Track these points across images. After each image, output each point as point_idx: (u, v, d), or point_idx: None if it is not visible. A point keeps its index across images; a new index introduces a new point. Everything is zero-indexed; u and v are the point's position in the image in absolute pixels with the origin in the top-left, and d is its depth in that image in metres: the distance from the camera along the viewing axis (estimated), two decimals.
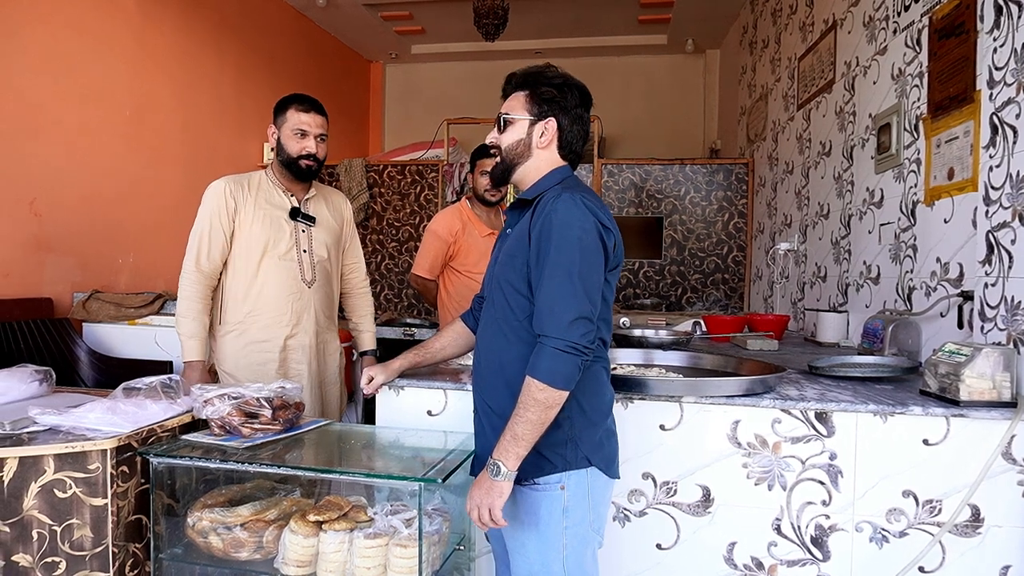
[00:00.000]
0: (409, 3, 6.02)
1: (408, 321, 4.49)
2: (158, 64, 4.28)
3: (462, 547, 1.80)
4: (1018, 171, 1.83)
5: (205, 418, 1.74)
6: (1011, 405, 1.68)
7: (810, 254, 3.82)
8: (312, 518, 1.59)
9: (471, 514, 1.43)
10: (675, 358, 2.26)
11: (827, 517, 1.74)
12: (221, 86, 4.90)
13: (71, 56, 3.63)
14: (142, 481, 1.66)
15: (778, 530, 1.77)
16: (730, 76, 6.25)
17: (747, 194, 5.31)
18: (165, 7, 4.33)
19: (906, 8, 2.71)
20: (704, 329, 3.26)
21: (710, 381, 1.82)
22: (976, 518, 1.68)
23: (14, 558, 1.54)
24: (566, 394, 1.37)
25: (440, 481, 1.48)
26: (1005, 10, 1.91)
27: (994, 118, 1.94)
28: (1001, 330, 1.88)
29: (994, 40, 1.96)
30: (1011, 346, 1.81)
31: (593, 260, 1.41)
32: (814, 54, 3.82)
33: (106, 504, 1.56)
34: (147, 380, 1.86)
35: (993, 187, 1.93)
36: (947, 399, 1.72)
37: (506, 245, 1.55)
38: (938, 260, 2.39)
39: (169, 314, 3.49)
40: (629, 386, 1.79)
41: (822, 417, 1.74)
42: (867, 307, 3.01)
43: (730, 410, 1.78)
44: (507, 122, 1.57)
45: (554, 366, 1.35)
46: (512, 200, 1.66)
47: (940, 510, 1.69)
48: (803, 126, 4.01)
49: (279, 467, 1.58)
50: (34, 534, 1.54)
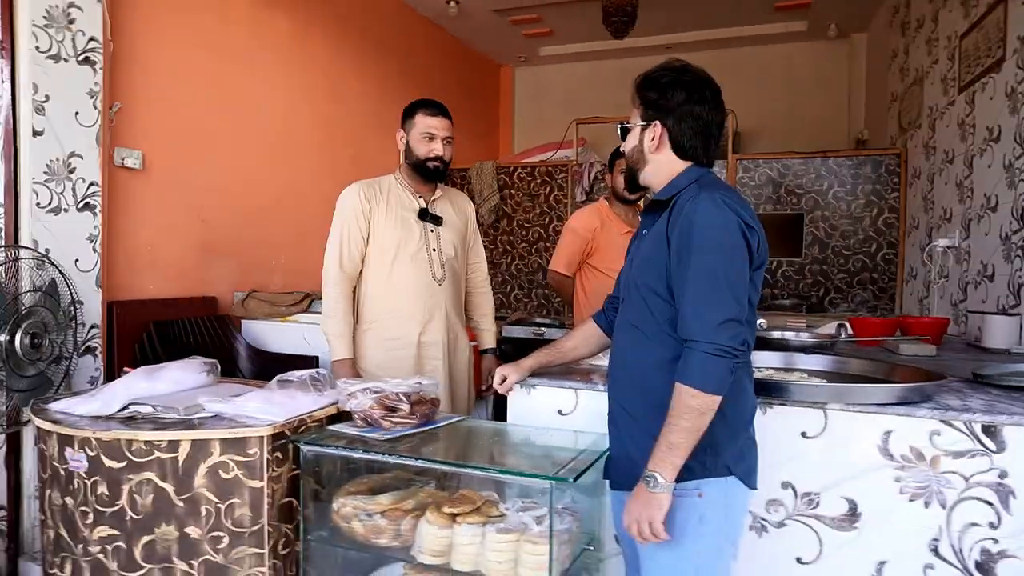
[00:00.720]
0: (537, 6, 6.08)
1: (538, 321, 4.53)
2: (304, 81, 4.60)
3: (592, 547, 1.79)
4: None
5: (349, 410, 1.84)
6: None
7: (974, 251, 3.48)
8: (447, 510, 1.65)
9: (630, 529, 1.41)
10: (818, 362, 2.14)
11: (995, 542, 1.58)
12: (362, 97, 5.18)
13: (234, 77, 3.98)
14: (293, 467, 1.79)
15: (936, 552, 1.62)
16: (878, 61, 5.81)
17: (899, 187, 4.92)
18: (315, 27, 4.64)
19: None
20: (850, 332, 3.05)
21: (858, 387, 1.70)
22: None
23: (187, 530, 1.71)
24: (719, 399, 1.33)
25: (571, 481, 1.48)
26: None
27: None
28: None
29: None
30: None
31: (737, 260, 1.36)
32: (979, 31, 3.47)
33: (262, 486, 1.70)
34: (298, 373, 2.00)
35: None
36: None
37: (642, 247, 1.53)
38: None
39: (316, 312, 3.72)
40: (768, 390, 1.71)
41: (990, 431, 1.58)
42: None
43: (880, 419, 1.65)
44: (625, 130, 1.58)
45: (705, 370, 1.32)
46: (647, 202, 1.63)
47: None
48: (966, 110, 3.66)
49: (416, 459, 1.65)
50: (203, 510, 1.70)
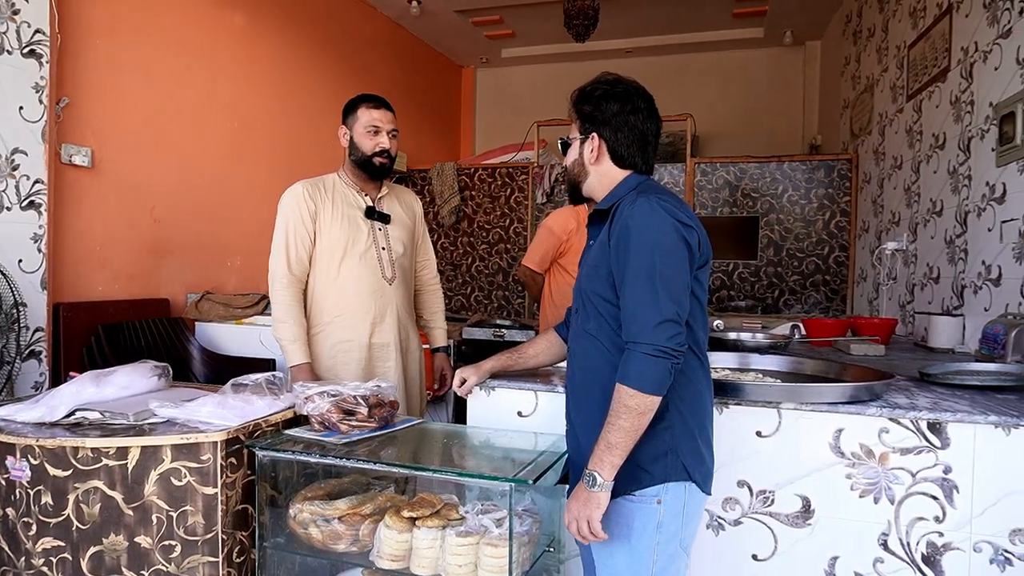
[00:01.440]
0: (499, 8, 6.09)
1: (498, 322, 4.53)
2: (262, 78, 4.52)
3: (552, 549, 1.80)
4: None
5: (306, 414, 1.81)
6: None
7: (921, 254, 3.59)
8: (406, 514, 1.63)
9: (569, 527, 1.41)
10: (772, 362, 2.18)
11: (940, 535, 1.63)
12: (320, 96, 5.11)
13: (185, 74, 3.89)
14: (248, 472, 1.75)
15: (885, 546, 1.67)
16: (832, 68, 5.97)
17: (850, 191, 5.06)
18: (269, 23, 4.56)
19: None
20: (803, 333, 3.12)
21: (811, 387, 1.74)
22: None
23: (136, 539, 1.66)
24: (658, 399, 1.35)
25: (531, 482, 1.48)
26: None
27: None
28: None
29: None
30: None
31: (674, 261, 1.38)
32: (926, 41, 3.59)
33: (216, 493, 1.66)
34: (253, 377, 1.96)
35: None
36: None
37: (589, 257, 1.55)
38: None
39: (272, 314, 3.66)
40: (724, 390, 1.74)
41: (935, 428, 1.63)
42: (986, 310, 2.80)
43: (833, 418, 1.69)
44: (565, 145, 1.62)
45: (643, 371, 1.33)
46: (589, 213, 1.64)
47: None
48: (913, 118, 3.78)
49: (375, 463, 1.63)
50: (153, 518, 1.66)
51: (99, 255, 3.37)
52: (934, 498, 1.63)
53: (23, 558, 1.73)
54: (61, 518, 1.68)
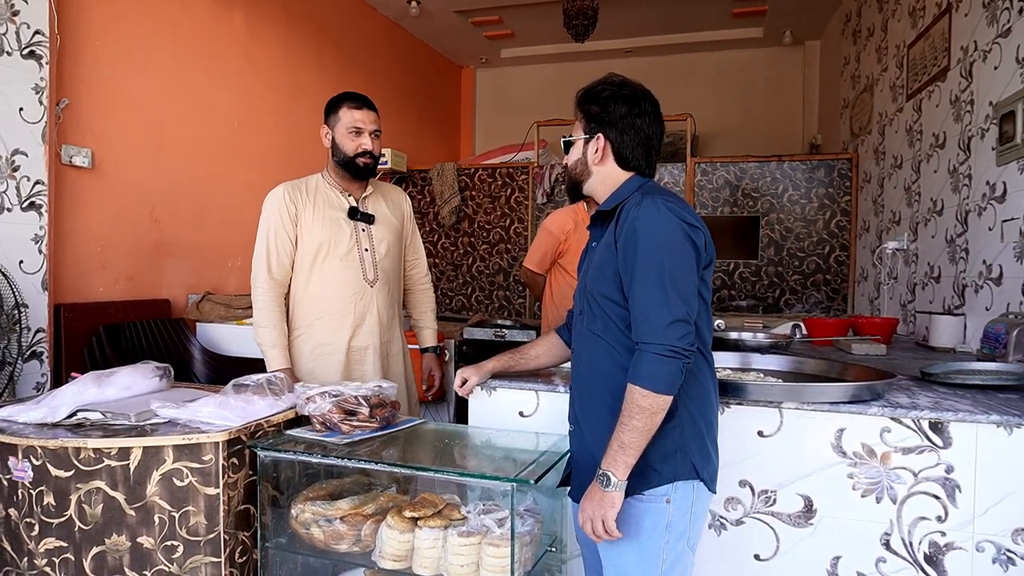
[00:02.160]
0: (499, 8, 6.09)
1: (499, 322, 4.53)
2: (262, 79, 4.52)
3: (554, 548, 1.80)
4: None
5: (307, 414, 1.81)
6: None
7: (921, 253, 3.59)
8: (408, 514, 1.63)
9: (584, 527, 1.41)
10: (774, 362, 2.18)
11: (943, 534, 1.63)
12: (321, 97, 5.09)
13: (184, 74, 3.89)
14: (250, 473, 1.75)
15: (887, 545, 1.67)
16: (831, 68, 5.97)
17: (851, 191, 5.06)
18: (269, 23, 4.56)
19: None
20: (804, 332, 3.12)
21: (812, 386, 1.74)
22: None
23: (139, 539, 1.66)
24: (670, 399, 1.35)
25: (532, 482, 1.48)
26: None
27: None
28: None
29: None
30: None
31: (682, 261, 1.39)
32: (925, 40, 3.59)
33: (218, 493, 1.66)
34: (255, 377, 1.96)
35: None
36: None
37: (594, 258, 1.54)
38: None
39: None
40: (726, 390, 1.74)
41: (937, 427, 1.63)
42: (987, 310, 2.80)
43: (834, 417, 1.69)
44: (568, 144, 1.61)
45: (655, 371, 1.34)
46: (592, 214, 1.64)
47: None
48: (913, 117, 3.78)
49: (376, 463, 1.63)
50: (156, 519, 1.66)
51: (100, 256, 3.37)
52: (936, 498, 1.63)
53: (26, 558, 1.73)
54: (63, 518, 1.68)
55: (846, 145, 5.33)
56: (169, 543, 1.66)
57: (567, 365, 1.82)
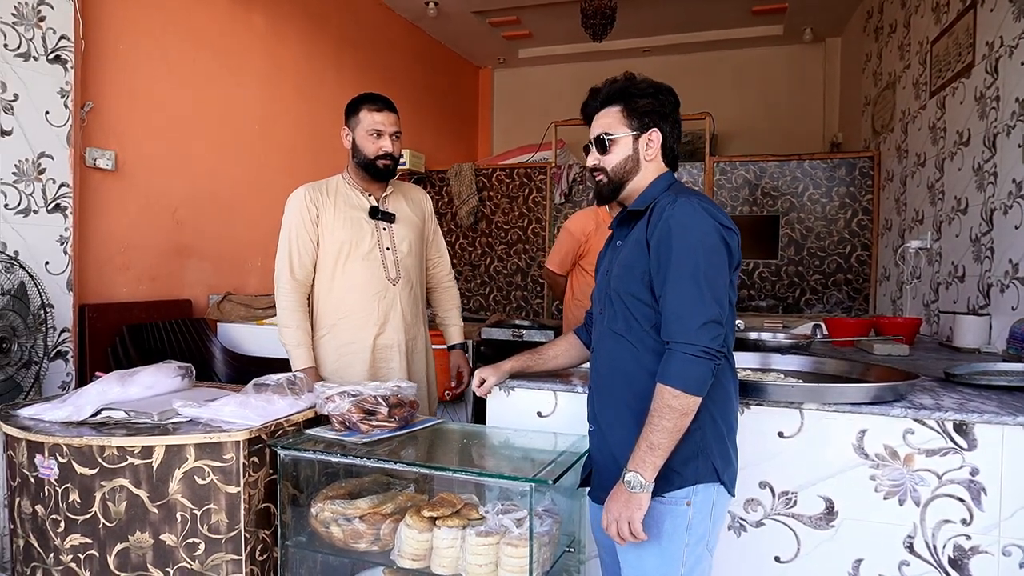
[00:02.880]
0: (516, 8, 6.09)
1: (517, 322, 4.53)
2: (283, 81, 4.56)
3: (572, 549, 1.79)
4: None
5: (327, 414, 1.83)
6: None
7: (945, 252, 3.54)
8: (426, 514, 1.64)
9: (608, 529, 1.40)
10: (794, 362, 2.16)
11: (968, 538, 1.61)
12: (340, 98, 5.13)
13: (210, 75, 3.93)
14: (270, 472, 1.77)
15: (911, 549, 1.65)
16: (853, 65, 5.90)
17: (872, 189, 4.99)
18: (291, 24, 4.60)
19: None
20: (825, 332, 3.09)
21: (833, 387, 1.72)
22: None
23: (161, 537, 1.68)
24: (699, 400, 1.34)
25: (551, 483, 1.48)
26: None
27: None
28: None
29: None
30: None
31: (717, 262, 1.38)
32: (949, 36, 3.53)
33: (239, 492, 1.67)
34: (275, 377, 1.98)
35: None
36: None
37: (621, 256, 1.52)
38: None
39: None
40: (746, 391, 1.72)
41: (962, 429, 1.60)
42: (1014, 309, 2.75)
43: (856, 418, 1.68)
44: (610, 142, 1.53)
45: (686, 371, 1.33)
46: (618, 213, 1.62)
47: None
48: (937, 114, 3.73)
49: (395, 463, 1.64)
50: (178, 516, 1.68)
51: (123, 257, 3.42)
52: (961, 500, 1.61)
53: (52, 554, 1.76)
54: (88, 515, 1.71)
55: (868, 143, 5.27)
56: (191, 540, 1.68)
57: (586, 365, 1.81)
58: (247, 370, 3.45)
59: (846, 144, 5.84)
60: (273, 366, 3.32)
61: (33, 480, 1.78)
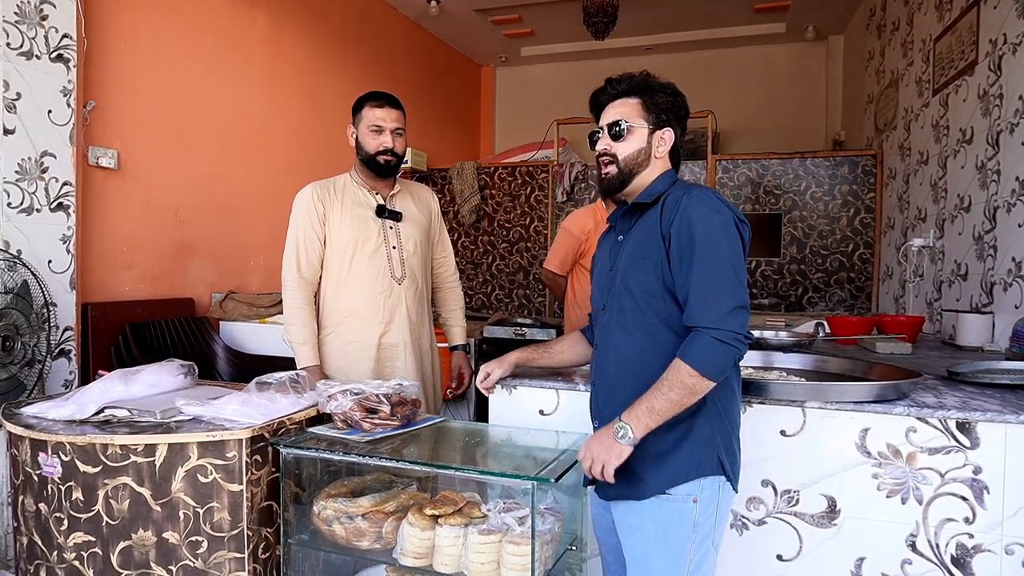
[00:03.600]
0: (518, 6, 6.08)
1: (519, 321, 4.54)
2: (285, 79, 4.56)
3: (574, 547, 1.79)
4: None
5: (329, 412, 1.83)
6: None
7: (948, 250, 3.53)
8: (429, 512, 1.64)
9: (583, 462, 1.43)
10: (796, 361, 2.15)
11: (971, 536, 1.61)
12: (343, 97, 5.14)
13: (209, 75, 3.93)
14: (273, 470, 1.77)
15: (913, 547, 1.65)
16: (855, 63, 5.89)
17: (875, 187, 4.99)
18: (293, 22, 4.60)
19: None
20: (828, 331, 3.09)
21: (836, 385, 1.72)
22: None
23: (164, 535, 1.69)
24: (712, 385, 1.35)
25: (553, 481, 1.48)
26: None
27: None
28: None
29: None
30: None
31: (738, 251, 1.39)
32: (952, 34, 3.53)
33: (242, 490, 1.68)
34: (277, 375, 1.98)
35: None
36: None
37: (627, 250, 1.52)
38: None
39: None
40: (748, 389, 1.72)
41: (964, 427, 1.60)
42: (1017, 308, 2.75)
43: (858, 417, 1.67)
44: (627, 130, 1.51)
45: (709, 355, 1.33)
46: (621, 206, 1.62)
47: None
48: (940, 112, 3.72)
49: (397, 461, 1.64)
50: (181, 514, 1.68)
51: (126, 255, 3.42)
52: (964, 499, 1.61)
53: (55, 552, 1.77)
54: (91, 513, 1.72)
55: (870, 141, 5.26)
56: (194, 539, 1.68)
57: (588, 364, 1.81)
58: (250, 368, 3.46)
59: (849, 142, 5.83)
60: (275, 364, 3.33)
61: (37, 478, 1.78)
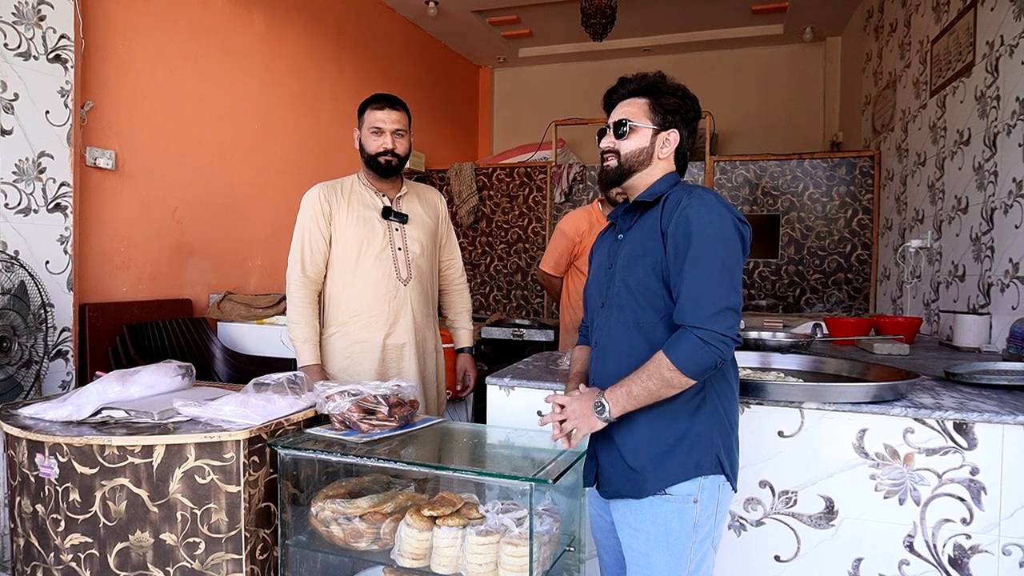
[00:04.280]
0: (517, 7, 6.08)
1: (517, 322, 4.54)
2: (282, 80, 4.56)
3: (572, 548, 1.79)
4: None
5: (327, 413, 1.83)
6: None
7: (945, 251, 3.54)
8: (427, 513, 1.64)
9: (559, 415, 1.49)
10: (794, 362, 2.16)
11: (968, 537, 1.61)
12: (340, 97, 5.14)
13: (206, 76, 3.93)
14: (270, 471, 1.77)
15: (911, 548, 1.65)
16: (853, 64, 5.90)
17: (873, 189, 4.99)
18: (290, 23, 4.60)
19: None
20: (825, 331, 3.09)
21: (833, 386, 1.72)
22: None
23: (162, 536, 1.68)
24: (691, 384, 1.36)
25: (551, 482, 1.48)
26: None
27: None
28: None
29: None
30: None
31: (734, 253, 1.39)
32: (950, 35, 3.53)
33: (239, 491, 1.67)
34: (275, 376, 1.98)
35: None
36: None
37: (626, 247, 1.53)
38: None
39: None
40: (746, 390, 1.73)
41: (962, 428, 1.60)
42: (1014, 309, 2.75)
43: (856, 418, 1.68)
44: (631, 128, 1.53)
45: (691, 354, 1.34)
46: (620, 204, 1.62)
47: None
48: (937, 114, 3.73)
49: (395, 462, 1.64)
50: (178, 516, 1.68)
51: (123, 256, 3.42)
52: (961, 500, 1.61)
53: (52, 554, 1.76)
54: (88, 515, 1.71)
55: (868, 142, 5.27)
56: (191, 540, 1.68)
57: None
58: (247, 369, 3.45)
59: (846, 143, 5.84)
60: (273, 365, 3.33)
61: (33, 479, 1.78)
